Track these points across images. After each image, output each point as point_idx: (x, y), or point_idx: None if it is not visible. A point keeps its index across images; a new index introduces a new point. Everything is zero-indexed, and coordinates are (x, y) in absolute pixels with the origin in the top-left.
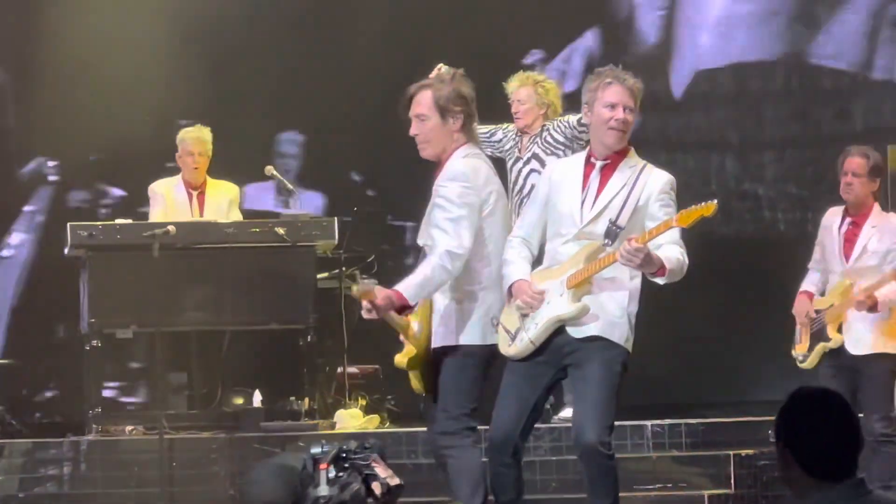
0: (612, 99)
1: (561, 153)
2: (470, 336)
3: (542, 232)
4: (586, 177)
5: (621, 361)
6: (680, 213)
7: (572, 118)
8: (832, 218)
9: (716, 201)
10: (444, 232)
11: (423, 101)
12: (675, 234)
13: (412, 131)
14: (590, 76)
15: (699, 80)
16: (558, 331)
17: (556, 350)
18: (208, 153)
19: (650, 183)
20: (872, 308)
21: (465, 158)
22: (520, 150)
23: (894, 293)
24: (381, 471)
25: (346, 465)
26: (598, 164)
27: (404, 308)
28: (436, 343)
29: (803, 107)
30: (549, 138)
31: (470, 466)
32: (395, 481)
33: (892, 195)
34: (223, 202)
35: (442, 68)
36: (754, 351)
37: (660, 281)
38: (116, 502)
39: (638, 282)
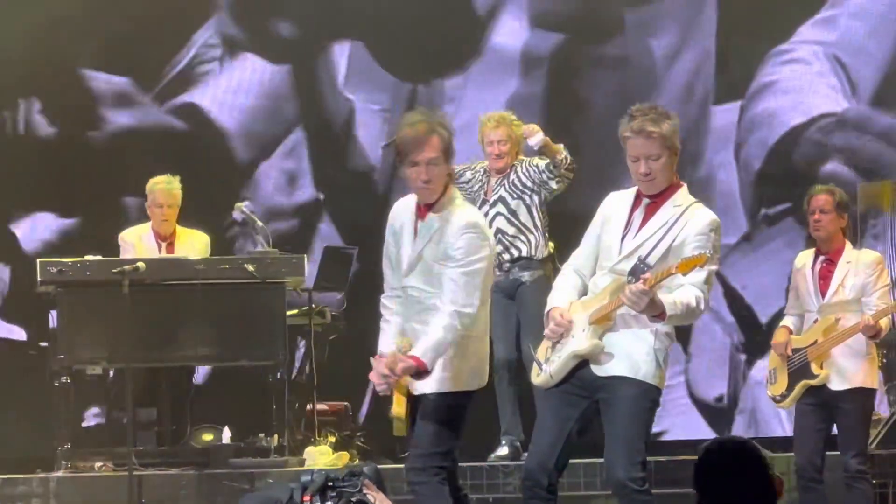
0: (634, 153)
1: (527, 198)
2: (465, 383)
3: (595, 262)
4: (632, 212)
5: (650, 398)
6: (682, 260)
7: (541, 163)
8: (804, 259)
9: (707, 252)
10: (457, 288)
11: (436, 145)
12: (699, 276)
13: (424, 176)
14: (622, 117)
15: None
16: (584, 364)
17: (588, 384)
18: (178, 204)
19: (690, 224)
20: (876, 335)
21: (468, 208)
22: (486, 193)
23: (886, 322)
24: (372, 496)
25: (334, 493)
26: (645, 201)
27: (423, 374)
28: (430, 388)
29: None
30: (516, 181)
31: (437, 501)
32: None
33: (860, 232)
34: (192, 253)
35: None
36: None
37: (660, 324)
38: None
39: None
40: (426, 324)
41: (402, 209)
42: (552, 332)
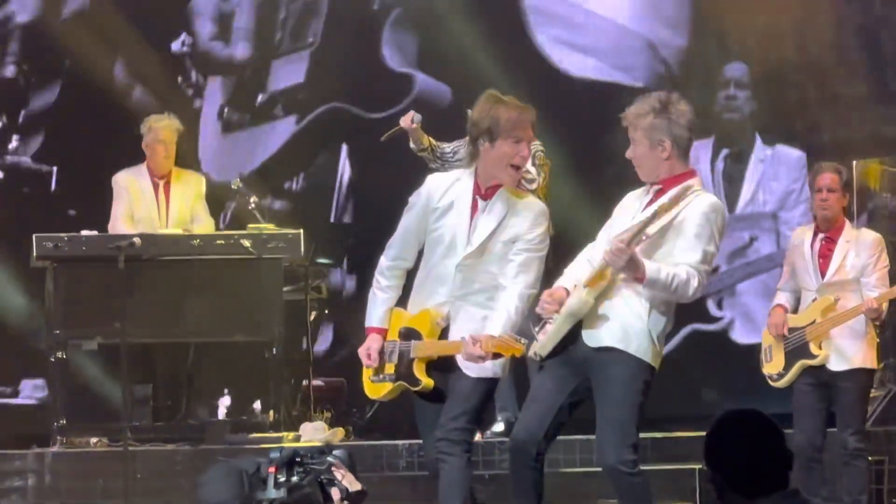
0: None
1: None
2: (503, 369)
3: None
4: (644, 197)
5: (643, 380)
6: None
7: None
8: (802, 236)
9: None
10: (525, 270)
11: (532, 129)
12: (694, 256)
13: (525, 153)
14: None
15: None
16: (577, 342)
17: (581, 362)
18: (176, 141)
19: (693, 204)
20: (878, 317)
21: (534, 197)
22: None
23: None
24: (340, 476)
25: (301, 469)
26: (654, 188)
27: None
28: (475, 373)
29: None
30: None
31: (464, 479)
32: (355, 487)
33: (858, 210)
34: (189, 194)
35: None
36: (720, 365)
37: (640, 288)
38: None
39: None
40: (476, 304)
41: (450, 185)
42: (542, 309)
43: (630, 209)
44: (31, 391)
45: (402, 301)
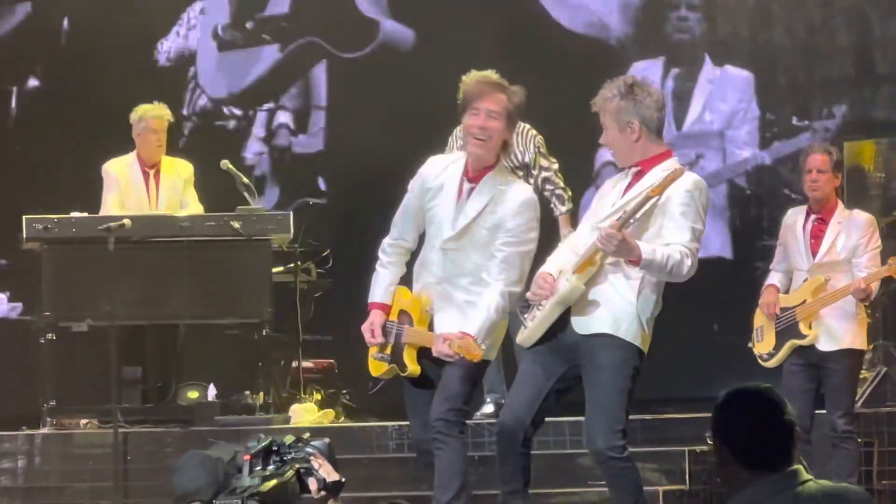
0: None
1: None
2: (493, 351)
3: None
4: (624, 179)
5: (633, 365)
6: (661, 180)
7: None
8: (795, 217)
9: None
10: (509, 267)
11: (499, 101)
12: (683, 235)
13: (479, 122)
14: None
15: None
16: (566, 329)
17: (570, 348)
18: (166, 131)
19: (676, 184)
20: (867, 298)
21: (523, 182)
22: None
23: (876, 285)
24: (318, 466)
25: (279, 458)
26: (633, 170)
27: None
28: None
29: None
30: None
31: (460, 461)
32: (333, 477)
33: (848, 191)
34: (178, 181)
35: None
36: (709, 346)
37: (635, 271)
38: (71, 496)
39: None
40: (460, 288)
41: (443, 168)
42: (534, 295)
43: (609, 196)
44: None
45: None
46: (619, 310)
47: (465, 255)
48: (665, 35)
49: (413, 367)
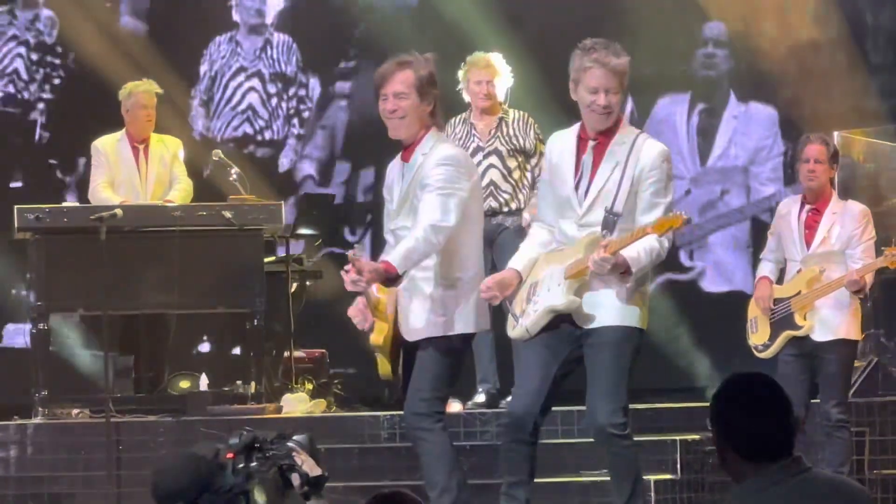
0: (594, 83)
1: (522, 157)
2: (462, 325)
3: (557, 208)
4: (579, 158)
5: (634, 344)
6: (658, 220)
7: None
8: (789, 206)
9: (684, 214)
10: (430, 207)
11: (404, 79)
12: (655, 214)
13: (389, 107)
14: (576, 50)
15: None
16: (566, 317)
17: (572, 334)
18: (155, 106)
19: (641, 159)
20: (860, 290)
21: (449, 144)
22: (481, 139)
23: (870, 277)
24: (300, 462)
25: (261, 455)
26: (591, 143)
27: (393, 279)
28: (427, 333)
29: None
30: (513, 137)
31: (445, 452)
32: (316, 472)
33: (839, 180)
34: (167, 155)
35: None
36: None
37: (628, 280)
38: (63, 485)
39: None
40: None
41: (392, 164)
42: (484, 295)
43: (567, 163)
44: None
45: None
46: (616, 299)
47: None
48: (691, 71)
49: (375, 338)
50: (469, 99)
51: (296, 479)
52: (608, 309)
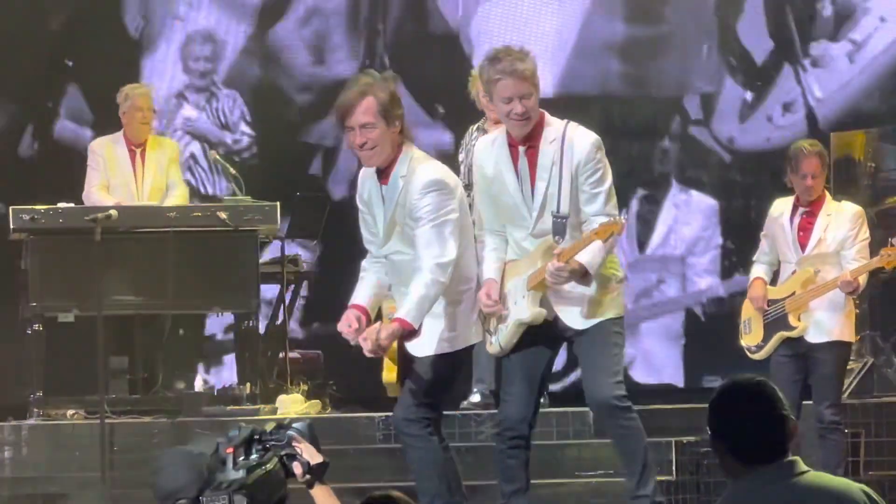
0: (506, 93)
1: None
2: (466, 338)
3: (501, 216)
4: (515, 164)
5: (616, 329)
6: (600, 226)
7: None
8: (781, 208)
9: (622, 219)
10: (428, 244)
11: (367, 108)
12: (598, 202)
13: (358, 140)
14: (483, 62)
15: None
16: (554, 322)
17: (555, 333)
18: (153, 109)
19: (575, 154)
20: (854, 291)
21: (429, 164)
22: None
23: (864, 277)
24: (301, 450)
25: (261, 447)
26: (521, 150)
27: (410, 334)
28: (436, 350)
29: None
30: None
31: (434, 459)
32: (316, 459)
33: (836, 181)
34: (163, 159)
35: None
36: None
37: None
38: (58, 486)
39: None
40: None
41: (367, 176)
42: (486, 308)
43: (503, 171)
44: None
45: None
46: (595, 296)
47: (403, 255)
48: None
49: (387, 376)
50: (481, 106)
51: (297, 467)
52: (587, 304)
